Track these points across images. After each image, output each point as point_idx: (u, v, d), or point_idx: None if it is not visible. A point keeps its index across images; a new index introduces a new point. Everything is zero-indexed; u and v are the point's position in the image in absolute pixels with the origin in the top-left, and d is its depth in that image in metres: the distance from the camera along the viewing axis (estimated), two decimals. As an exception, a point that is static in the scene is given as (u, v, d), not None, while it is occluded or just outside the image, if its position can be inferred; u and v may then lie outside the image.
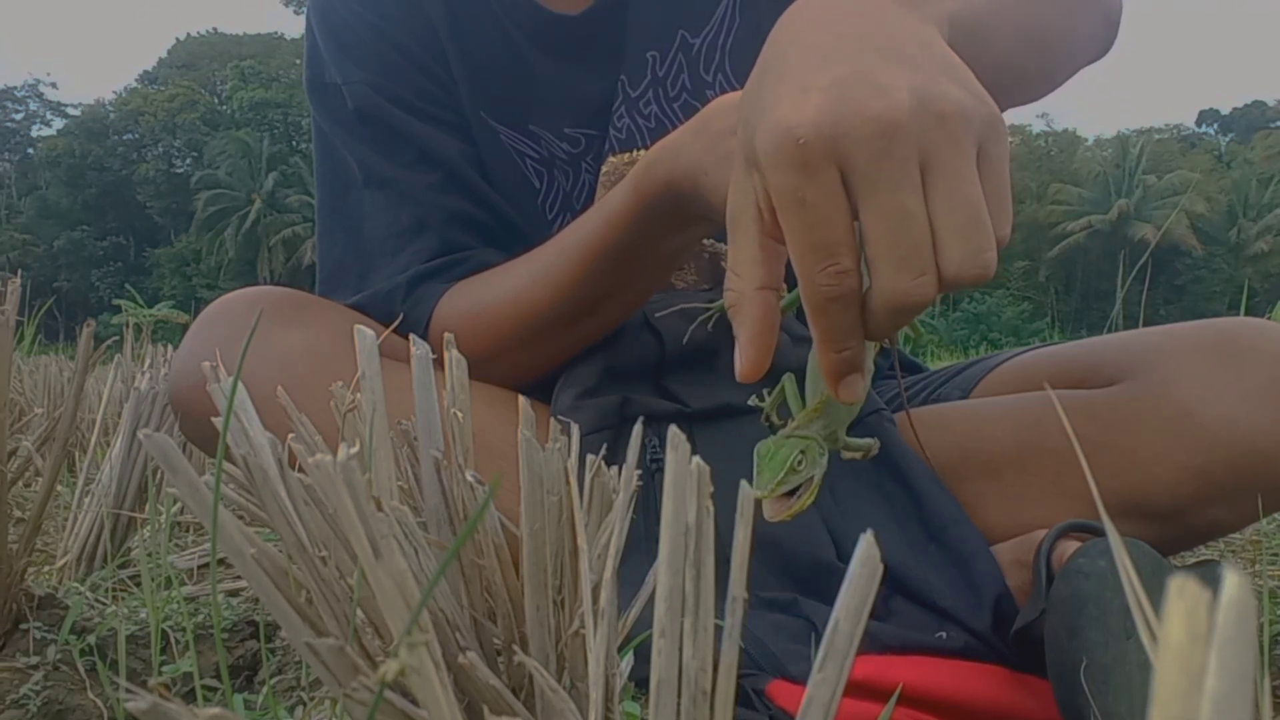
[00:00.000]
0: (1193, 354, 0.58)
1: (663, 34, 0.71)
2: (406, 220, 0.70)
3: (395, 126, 0.70)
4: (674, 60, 0.72)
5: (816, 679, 0.20)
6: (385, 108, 0.70)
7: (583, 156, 0.74)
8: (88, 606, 0.69)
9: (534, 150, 0.74)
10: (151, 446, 0.24)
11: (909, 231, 0.32)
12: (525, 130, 0.73)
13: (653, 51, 0.71)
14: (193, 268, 30.76)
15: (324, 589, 0.26)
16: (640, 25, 0.71)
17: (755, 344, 0.37)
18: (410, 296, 0.68)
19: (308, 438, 0.32)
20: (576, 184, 0.75)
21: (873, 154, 0.32)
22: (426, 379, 0.34)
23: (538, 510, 0.29)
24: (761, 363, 0.38)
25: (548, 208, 0.75)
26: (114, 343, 2.30)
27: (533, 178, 0.74)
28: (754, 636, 0.51)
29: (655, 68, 0.72)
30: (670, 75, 0.72)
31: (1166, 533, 0.57)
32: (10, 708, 0.52)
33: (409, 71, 0.70)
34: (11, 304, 0.59)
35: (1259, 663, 0.44)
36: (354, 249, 0.71)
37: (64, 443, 0.65)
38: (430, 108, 0.71)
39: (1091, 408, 0.59)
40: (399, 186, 0.70)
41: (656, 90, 0.73)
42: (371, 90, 0.70)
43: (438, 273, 0.68)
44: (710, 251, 0.75)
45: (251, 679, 0.64)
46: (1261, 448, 0.54)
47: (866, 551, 0.20)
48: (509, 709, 0.26)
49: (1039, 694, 0.49)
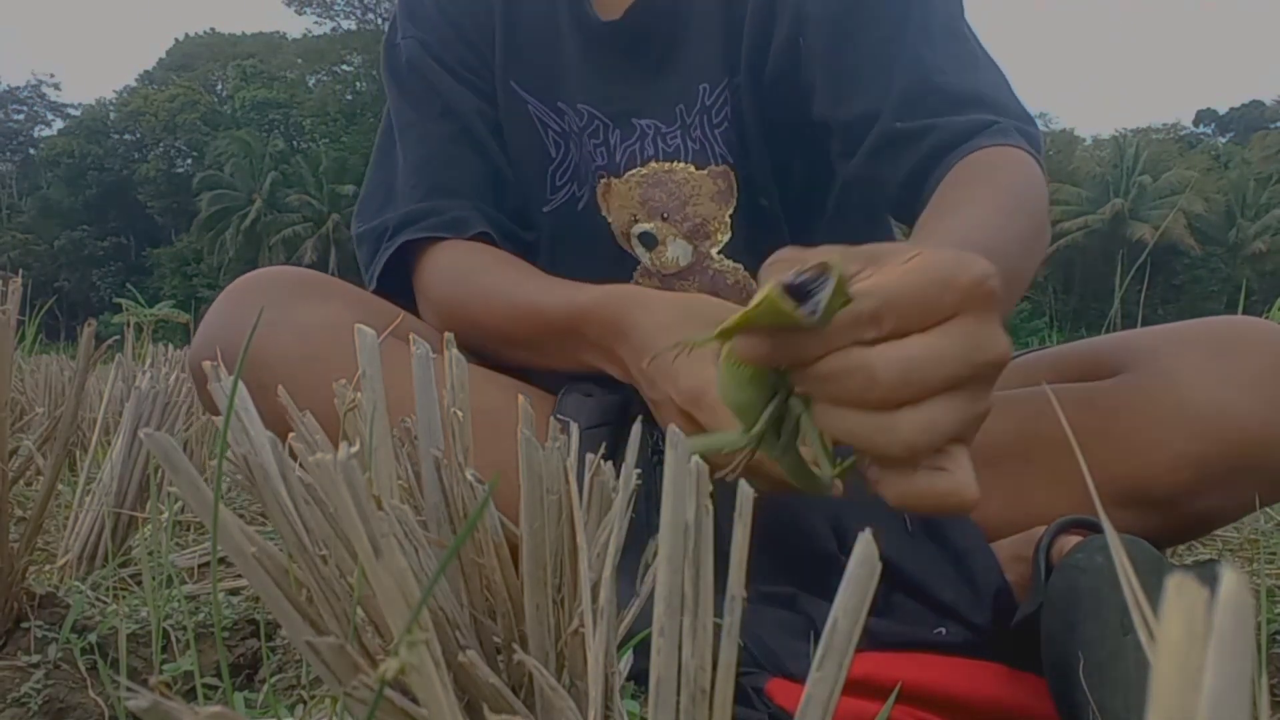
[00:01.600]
0: (1191, 346, 0.59)
1: (712, 72, 0.76)
2: (416, 160, 0.79)
3: (430, 80, 0.80)
4: (719, 98, 0.76)
5: (815, 677, 0.20)
6: (427, 63, 0.80)
7: (586, 130, 0.79)
8: (89, 605, 0.69)
9: (557, 123, 0.80)
10: (153, 445, 0.24)
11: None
12: (553, 105, 0.79)
13: (703, 84, 0.76)
14: (193, 267, 30.78)
15: (324, 588, 0.26)
16: (694, 57, 0.76)
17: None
18: (393, 239, 0.76)
19: (308, 436, 0.32)
20: (581, 158, 0.80)
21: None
22: (427, 378, 0.34)
23: (537, 509, 0.29)
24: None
25: (557, 175, 0.81)
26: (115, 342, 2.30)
27: (550, 147, 0.80)
28: (753, 634, 0.51)
29: (704, 97, 0.76)
30: (707, 111, 0.77)
31: (1164, 521, 0.58)
32: (11, 706, 0.53)
33: (455, 42, 0.81)
34: (13, 303, 0.59)
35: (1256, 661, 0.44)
36: (381, 184, 0.82)
37: (65, 442, 0.65)
38: (464, 72, 0.80)
39: (1091, 399, 0.60)
40: (420, 130, 0.80)
41: (688, 121, 0.77)
42: (420, 46, 0.81)
43: (421, 217, 0.76)
44: (716, 269, 0.77)
45: (252, 677, 0.64)
46: (1258, 435, 0.55)
47: (865, 551, 0.20)
48: (509, 707, 0.26)
49: (1038, 690, 0.49)
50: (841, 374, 0.34)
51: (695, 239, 0.78)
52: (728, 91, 0.75)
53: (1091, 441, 0.58)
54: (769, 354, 0.35)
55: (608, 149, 0.78)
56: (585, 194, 0.80)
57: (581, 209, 0.80)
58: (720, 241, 0.78)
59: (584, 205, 0.80)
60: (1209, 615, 0.11)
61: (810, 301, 0.33)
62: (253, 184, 29.07)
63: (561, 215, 0.81)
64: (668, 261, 0.79)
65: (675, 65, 0.76)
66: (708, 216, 0.78)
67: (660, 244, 0.78)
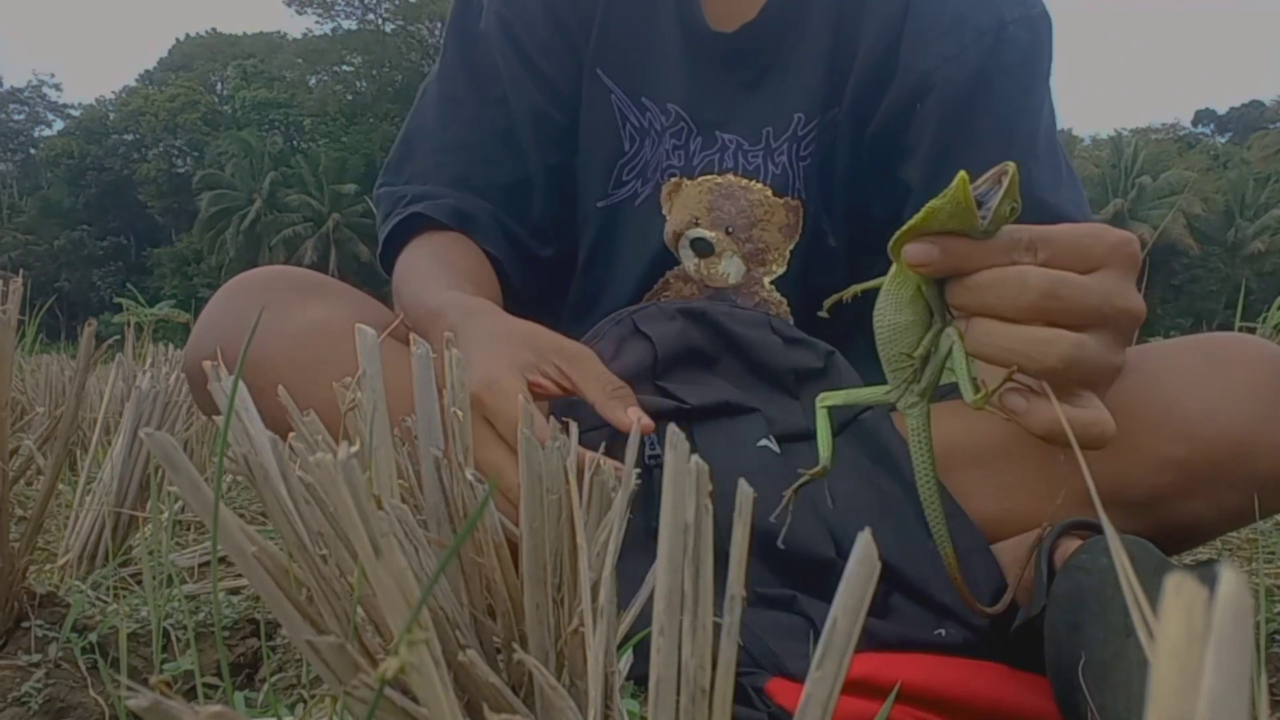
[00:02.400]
0: (1181, 354, 0.60)
1: (811, 103, 0.76)
2: (454, 139, 0.79)
3: (499, 62, 0.78)
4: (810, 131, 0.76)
5: (815, 677, 0.20)
6: (502, 44, 0.78)
7: (669, 130, 0.79)
8: (89, 604, 0.69)
9: (637, 118, 0.79)
10: (153, 445, 0.24)
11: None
12: (637, 100, 0.79)
13: (799, 114, 0.76)
14: (194, 267, 30.78)
15: (324, 587, 0.26)
16: (796, 82, 0.76)
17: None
18: (406, 208, 0.76)
19: (308, 435, 0.32)
20: (654, 156, 0.79)
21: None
22: (426, 378, 0.34)
23: (537, 509, 0.29)
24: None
25: (624, 170, 0.81)
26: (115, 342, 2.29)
27: (625, 141, 0.80)
28: (753, 634, 0.51)
29: (797, 127, 0.76)
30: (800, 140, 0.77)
31: (1143, 525, 0.58)
32: (12, 705, 0.53)
33: (542, 22, 0.78)
34: (13, 303, 0.59)
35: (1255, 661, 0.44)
36: (404, 142, 0.82)
37: (65, 441, 0.65)
38: (539, 58, 0.78)
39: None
40: (470, 110, 0.79)
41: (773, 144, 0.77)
42: (500, 24, 0.78)
43: (436, 198, 0.77)
44: (763, 297, 0.78)
45: (252, 677, 0.64)
46: (1242, 441, 0.55)
47: (864, 550, 0.20)
48: (508, 706, 0.26)
49: (1038, 690, 0.49)
50: (999, 280, 0.40)
51: (752, 262, 0.78)
52: (819, 127, 0.75)
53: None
54: (938, 259, 0.40)
55: (686, 153, 0.78)
56: (647, 190, 0.80)
57: (639, 204, 0.80)
58: (775, 272, 0.78)
59: (642, 201, 0.80)
60: (1208, 615, 0.11)
61: (983, 208, 0.39)
62: (253, 184, 29.07)
63: (615, 211, 0.80)
64: (717, 274, 0.78)
65: (773, 88, 0.76)
66: (770, 245, 0.78)
67: (715, 255, 0.78)
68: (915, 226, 0.40)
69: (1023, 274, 0.40)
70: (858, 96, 0.73)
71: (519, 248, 0.78)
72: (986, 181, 0.40)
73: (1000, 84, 0.70)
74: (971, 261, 0.40)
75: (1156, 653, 0.11)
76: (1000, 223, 0.40)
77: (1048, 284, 0.40)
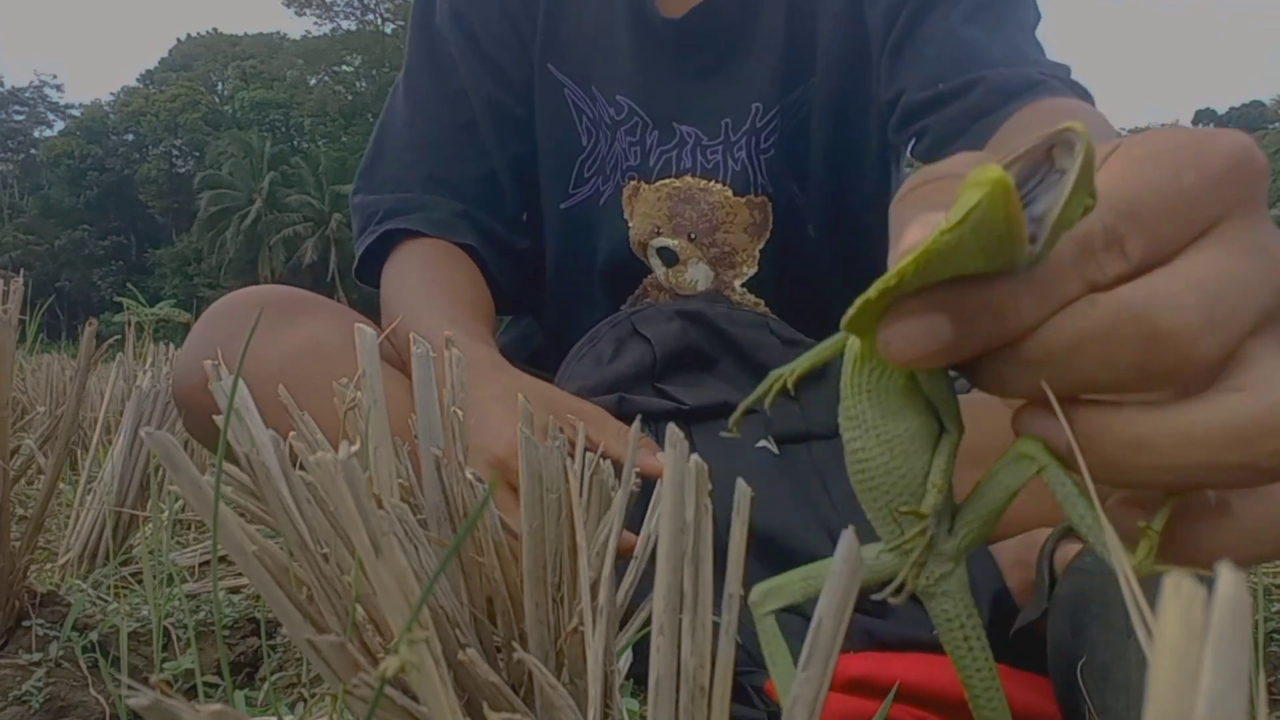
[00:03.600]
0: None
1: (769, 92, 0.73)
2: (420, 136, 0.77)
3: (453, 54, 0.77)
4: (768, 120, 0.73)
5: (801, 678, 0.20)
6: (456, 34, 0.77)
7: (622, 125, 0.76)
8: (90, 604, 0.69)
9: (590, 110, 0.77)
10: (153, 444, 0.24)
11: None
12: (588, 89, 0.76)
13: (757, 103, 0.73)
14: (194, 267, 30.81)
15: (325, 586, 0.26)
16: (750, 74, 0.73)
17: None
18: (380, 225, 0.75)
19: (309, 435, 0.32)
20: (610, 152, 0.77)
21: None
22: (427, 377, 0.34)
23: (537, 508, 0.29)
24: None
25: (585, 166, 0.78)
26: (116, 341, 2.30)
27: (583, 136, 0.78)
28: (751, 633, 0.51)
29: (756, 118, 0.73)
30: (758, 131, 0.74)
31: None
32: (12, 704, 0.53)
33: (495, 14, 0.77)
34: (14, 303, 0.59)
35: (1254, 660, 0.44)
36: (377, 143, 0.80)
37: (66, 441, 0.65)
38: (493, 49, 0.77)
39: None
40: (433, 107, 0.77)
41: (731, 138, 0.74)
42: (453, 15, 0.77)
43: (412, 209, 0.75)
44: (735, 300, 0.77)
45: (253, 676, 0.64)
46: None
47: (847, 549, 0.20)
48: (508, 705, 0.26)
49: (1037, 690, 0.49)
50: (1098, 336, 0.19)
51: (719, 267, 0.76)
52: (780, 114, 0.72)
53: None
54: (953, 340, 0.19)
55: (642, 149, 0.75)
56: (609, 189, 0.78)
57: (603, 204, 0.78)
58: (745, 274, 0.76)
59: (605, 200, 0.78)
60: (1206, 614, 0.11)
61: (1032, 221, 0.19)
62: (253, 184, 29.08)
63: (579, 212, 0.78)
64: (685, 283, 0.77)
65: (729, 75, 0.73)
66: (737, 247, 0.75)
67: (680, 263, 0.76)
68: (896, 286, 0.19)
69: (1142, 313, 0.19)
70: (829, 67, 0.70)
71: (495, 243, 0.77)
72: (1024, 161, 0.20)
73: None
74: (1022, 318, 0.20)
75: (1155, 652, 0.11)
76: (1056, 239, 0.19)
77: (1197, 316, 0.19)
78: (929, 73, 0.62)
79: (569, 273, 0.81)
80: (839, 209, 0.75)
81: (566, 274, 0.81)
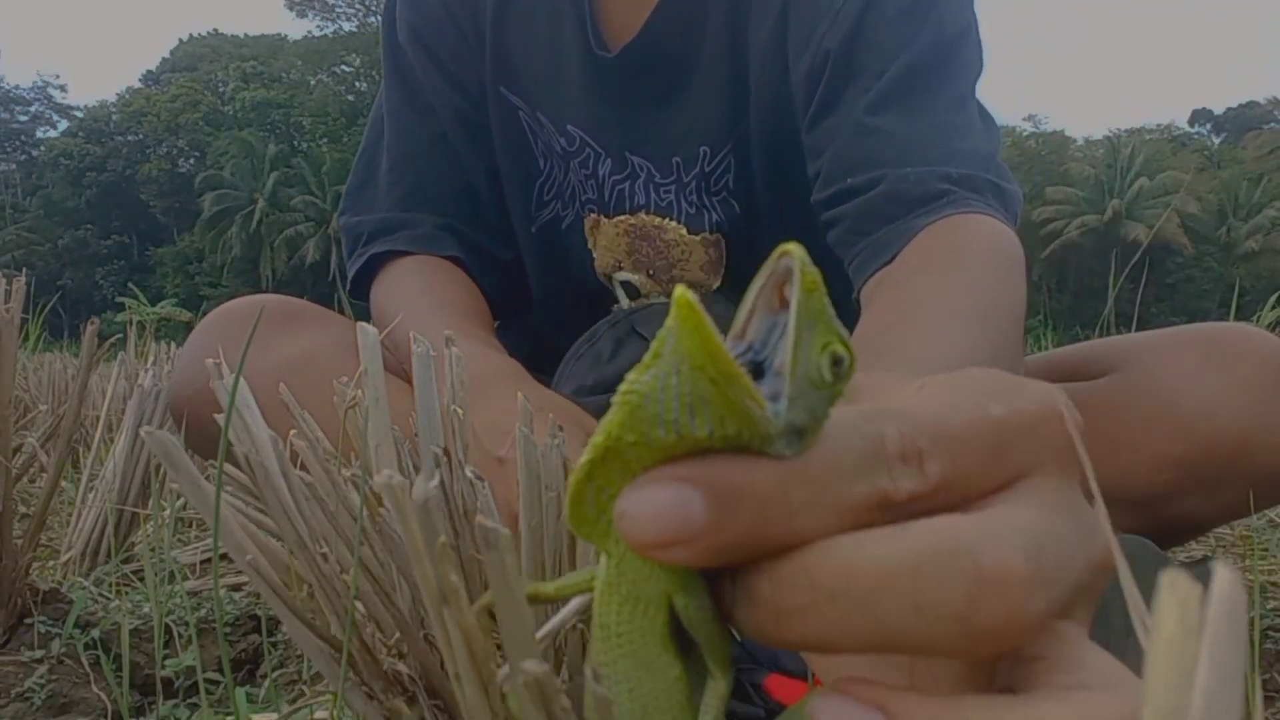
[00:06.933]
0: (1180, 350, 0.60)
1: (718, 134, 0.71)
2: (398, 155, 0.77)
3: (416, 70, 0.77)
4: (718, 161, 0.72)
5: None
6: (416, 50, 0.76)
7: (574, 156, 0.75)
8: (91, 601, 0.70)
9: (541, 136, 0.76)
10: (153, 444, 0.24)
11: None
12: (535, 117, 0.76)
13: (705, 146, 0.72)
14: (196, 266, 30.85)
15: (324, 584, 0.27)
16: (700, 113, 0.71)
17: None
18: (366, 247, 0.75)
19: (309, 435, 0.32)
20: (566, 180, 0.76)
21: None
22: (427, 376, 0.34)
23: (536, 507, 0.29)
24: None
25: (544, 191, 0.78)
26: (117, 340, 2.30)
27: (539, 159, 0.77)
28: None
29: (704, 162, 0.72)
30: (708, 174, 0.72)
31: (1144, 522, 0.58)
32: (15, 701, 0.53)
33: (449, 28, 0.77)
34: (16, 302, 0.59)
35: (1249, 657, 0.44)
36: (368, 167, 0.80)
37: (68, 439, 0.65)
38: (452, 65, 0.77)
39: (1078, 398, 0.60)
40: (404, 124, 0.77)
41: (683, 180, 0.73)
42: (411, 31, 0.77)
43: (396, 228, 0.75)
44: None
45: (254, 672, 0.64)
46: (1241, 439, 0.55)
47: None
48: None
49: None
50: (912, 570, 0.15)
51: None
52: (732, 156, 0.71)
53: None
54: (711, 518, 0.16)
55: (597, 182, 0.75)
56: (570, 215, 0.77)
57: (566, 228, 0.78)
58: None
59: (568, 226, 0.77)
60: (1203, 611, 0.11)
61: (767, 374, 0.16)
62: (254, 184, 29.12)
63: (547, 233, 0.78)
64: None
65: (679, 107, 0.71)
66: (695, 283, 0.74)
67: (644, 296, 0.76)
68: (602, 458, 0.17)
69: (956, 543, 0.16)
70: (760, 101, 0.67)
71: (479, 253, 0.77)
72: (762, 310, 0.18)
73: (880, 29, 0.59)
74: (793, 513, 0.16)
75: (1151, 649, 0.11)
76: (821, 410, 0.17)
77: (1025, 569, 0.16)
78: (832, 171, 0.60)
79: (551, 290, 0.81)
80: (795, 241, 0.74)
81: (550, 290, 0.82)
